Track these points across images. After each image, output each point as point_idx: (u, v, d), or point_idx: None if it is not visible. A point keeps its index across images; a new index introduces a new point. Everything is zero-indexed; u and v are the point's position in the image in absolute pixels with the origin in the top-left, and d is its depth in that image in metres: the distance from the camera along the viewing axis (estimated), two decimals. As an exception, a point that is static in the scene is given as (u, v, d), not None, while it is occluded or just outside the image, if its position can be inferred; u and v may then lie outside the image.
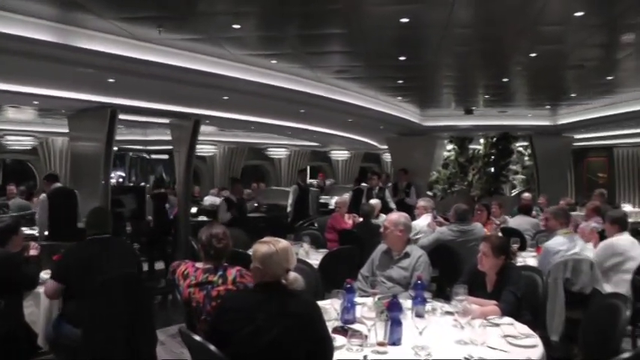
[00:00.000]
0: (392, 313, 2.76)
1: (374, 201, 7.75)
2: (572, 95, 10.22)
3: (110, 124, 8.42)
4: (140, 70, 6.48)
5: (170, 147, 10.66)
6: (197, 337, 2.61)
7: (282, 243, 2.69)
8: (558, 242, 4.91)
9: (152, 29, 5.62)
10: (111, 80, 7.03)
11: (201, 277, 3.18)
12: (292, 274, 2.57)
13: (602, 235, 5.47)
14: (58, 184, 7.32)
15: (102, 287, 3.54)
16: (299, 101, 8.96)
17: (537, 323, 3.77)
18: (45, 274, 4.20)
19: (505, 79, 8.71)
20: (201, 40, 6.06)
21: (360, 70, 7.86)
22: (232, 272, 3.20)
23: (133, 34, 5.82)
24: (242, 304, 2.56)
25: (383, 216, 6.62)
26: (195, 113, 9.84)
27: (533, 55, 6.86)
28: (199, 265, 3.26)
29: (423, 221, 6.41)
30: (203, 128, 11.03)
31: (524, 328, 3.08)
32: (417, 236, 5.99)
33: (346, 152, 21.74)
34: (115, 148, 9.36)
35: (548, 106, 11.82)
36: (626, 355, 2.38)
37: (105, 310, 3.52)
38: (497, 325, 3.12)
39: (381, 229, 4.31)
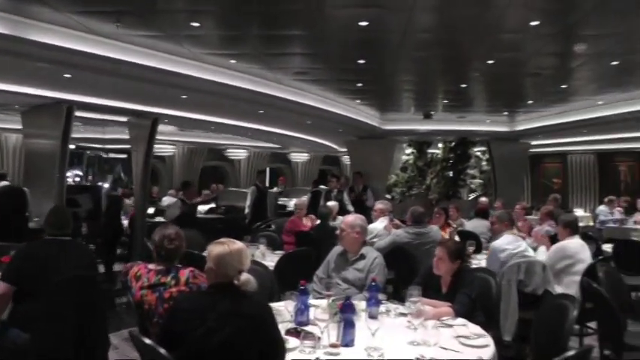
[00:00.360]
0: (345, 314, 2.76)
1: (331, 203, 7.77)
2: (529, 102, 10.49)
3: (66, 121, 8.24)
4: (97, 66, 6.33)
5: (128, 146, 10.44)
6: (148, 341, 2.55)
7: (237, 244, 2.67)
8: (504, 241, 5.04)
9: (109, 24, 5.49)
10: (67, 75, 6.86)
11: (153, 279, 3.12)
12: (245, 276, 2.53)
13: (554, 239, 5.61)
14: (6, 183, 7.06)
15: (54, 289, 3.42)
16: (258, 102, 8.93)
17: (491, 324, 3.83)
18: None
19: (463, 85, 8.86)
20: (159, 37, 5.97)
21: (319, 72, 7.88)
22: (185, 273, 3.16)
23: (89, 28, 5.68)
24: (194, 305, 2.53)
25: (340, 218, 6.64)
26: (154, 112, 9.70)
27: (491, 62, 7.00)
28: (152, 266, 3.20)
29: (380, 224, 6.45)
30: (162, 128, 10.88)
31: (476, 329, 3.12)
32: (374, 239, 6.02)
33: (306, 154, 21.79)
34: (72, 146, 9.14)
35: (505, 113, 12.09)
36: (571, 352, 2.42)
37: (56, 312, 3.40)
38: (450, 326, 3.14)
39: (338, 231, 4.31)
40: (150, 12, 5.26)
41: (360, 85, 8.83)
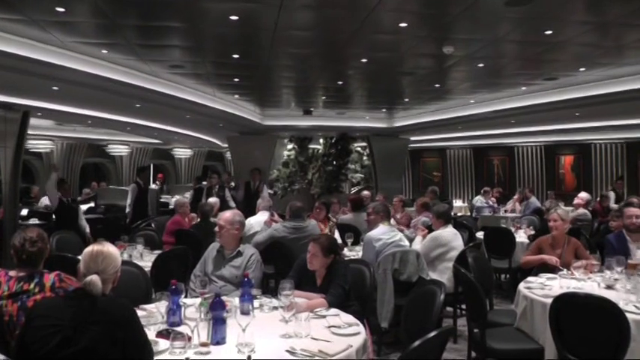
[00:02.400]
0: (214, 312, 2.71)
1: (213, 200, 7.64)
2: (406, 100, 10.94)
3: None
4: (-49, 51, 5.77)
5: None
6: (1, 357, 2.36)
7: (100, 246, 2.60)
8: (379, 232, 5.23)
9: (-36, 6, 5.01)
10: None
11: (14, 287, 2.88)
12: (90, 277, 2.40)
13: (431, 229, 5.92)
14: None
15: None
16: (134, 95, 8.63)
17: (367, 312, 3.97)
18: None
19: (340, 82, 9.06)
20: (22, 21, 5.53)
21: (195, 65, 7.74)
22: (50, 278, 2.95)
23: (-60, 9, 5.14)
24: (51, 313, 2.35)
25: (220, 214, 6.54)
26: (23, 104, 9.04)
27: (365, 60, 7.21)
28: (13, 273, 2.95)
29: (258, 218, 6.45)
30: (37, 122, 10.12)
31: (349, 318, 3.19)
32: (252, 231, 6.01)
33: (189, 150, 21.42)
34: None
35: (384, 110, 12.54)
36: (434, 332, 2.56)
37: None
38: (323, 316, 3.19)
39: (216, 228, 4.25)
40: (9, -6, 4.85)
41: (237, 80, 8.77)
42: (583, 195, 8.79)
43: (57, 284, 2.93)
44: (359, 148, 17.03)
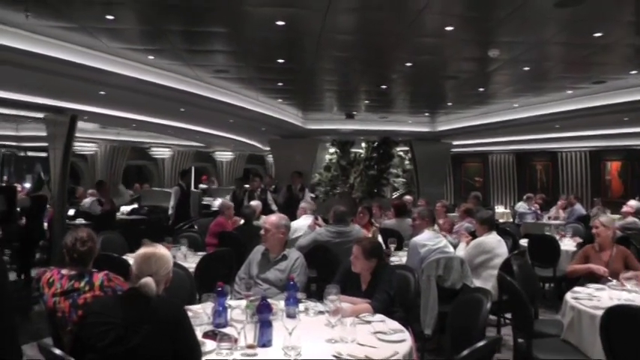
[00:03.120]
0: (261, 314, 2.73)
1: (255, 203, 7.69)
2: (449, 104, 10.81)
3: (-27, 116, 7.71)
4: (6, 58, 5.96)
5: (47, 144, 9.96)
6: (57, 351, 2.45)
7: (153, 248, 2.66)
8: (424, 237, 5.18)
9: (19, 13, 5.15)
10: (-28, 68, 6.42)
11: (66, 285, 2.99)
12: (144, 279, 2.46)
13: (474, 235, 5.82)
14: None
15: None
16: (179, 100, 8.76)
17: (410, 318, 3.93)
18: None
19: (384, 86, 9.01)
20: (73, 29, 5.69)
21: (239, 70, 7.80)
22: (99, 277, 3.04)
23: (-4, 17, 5.34)
24: (104, 311, 2.45)
25: (264, 217, 6.59)
26: (72, 108, 9.32)
27: (409, 64, 7.15)
28: (65, 271, 3.06)
29: (302, 222, 6.46)
30: (83, 125, 10.43)
31: (394, 324, 3.17)
32: (295, 235, 6.02)
33: (230, 153, 21.61)
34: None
35: (427, 114, 12.41)
36: (482, 342, 2.51)
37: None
38: (368, 322, 3.18)
39: (262, 231, 4.27)
40: (61, 2, 4.99)
41: (280, 84, 8.81)
42: (632, 203, 8.53)
43: (105, 283, 3.02)
44: (401, 153, 16.91)
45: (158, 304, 2.44)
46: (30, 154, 19.00)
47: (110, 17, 5.28)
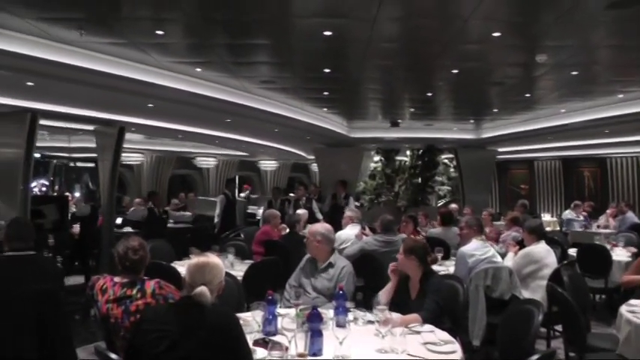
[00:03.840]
0: (312, 323, 2.75)
1: (301, 211, 7.74)
2: (495, 110, 10.65)
3: (30, 129, 8.04)
4: (61, 74, 6.21)
5: (96, 155, 10.29)
6: (113, 355, 2.52)
7: (205, 258, 2.70)
8: (472, 247, 5.10)
9: (73, 31, 5.38)
10: (30, 84, 6.71)
11: (119, 292, 3.07)
12: (199, 288, 2.50)
13: (521, 244, 5.71)
14: None
15: (11, 304, 3.31)
16: (225, 110, 8.90)
17: (458, 329, 3.87)
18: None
19: (429, 94, 8.96)
20: (124, 44, 5.89)
21: (285, 80, 7.88)
22: (151, 285, 3.11)
23: (53, 35, 5.57)
24: (159, 318, 2.50)
25: (309, 226, 6.63)
26: (120, 120, 9.59)
27: (456, 71, 7.10)
28: (118, 279, 3.15)
29: (348, 231, 6.46)
30: (130, 136, 10.73)
31: (444, 335, 3.14)
32: (342, 245, 6.02)
33: (275, 162, 21.74)
34: (37, 155, 8.93)
35: (472, 120, 12.26)
36: (536, 356, 2.46)
37: (18, 327, 3.30)
38: (418, 332, 3.15)
39: (305, 240, 4.31)
40: (114, 19, 5.18)
41: (326, 93, 8.86)
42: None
43: (157, 291, 3.08)
44: (446, 160, 16.73)
45: (211, 312, 2.47)
46: (79, 164, 19.62)
47: (160, 32, 5.44)
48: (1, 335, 3.30)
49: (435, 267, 5.63)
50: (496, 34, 5.46)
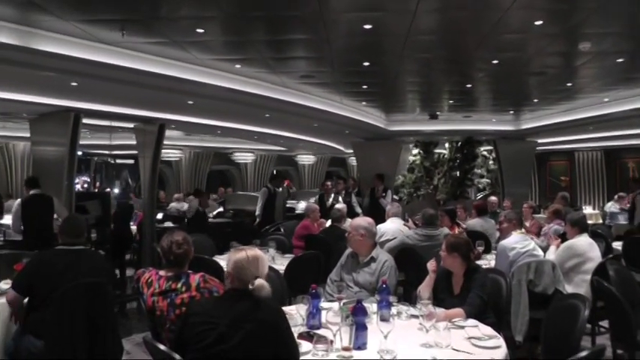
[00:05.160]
0: (357, 317, 2.77)
1: (340, 205, 7.75)
2: (535, 101, 10.45)
3: (74, 128, 8.25)
4: (103, 74, 6.37)
5: (135, 152, 10.51)
6: (162, 347, 2.59)
7: (255, 252, 2.73)
8: (513, 240, 5.05)
9: (115, 32, 5.51)
10: (73, 84, 6.89)
11: (164, 286, 3.14)
12: (259, 281, 2.55)
13: (563, 237, 5.60)
14: (37, 190, 7.07)
15: (64, 296, 3.44)
16: (264, 106, 8.96)
17: (501, 324, 3.84)
18: (4, 285, 4.06)
19: (469, 85, 8.85)
20: (165, 43, 5.99)
21: (324, 75, 7.88)
22: (195, 278, 3.17)
23: (95, 36, 5.71)
24: (207, 311, 2.56)
25: (349, 220, 6.65)
26: (161, 118, 9.74)
27: (496, 62, 7.00)
28: (162, 272, 3.22)
29: (388, 225, 6.46)
30: (169, 133, 10.91)
31: (488, 330, 3.12)
32: (382, 239, 6.02)
33: (312, 156, 21.79)
34: (79, 153, 9.19)
35: (511, 112, 12.06)
36: (584, 353, 2.43)
37: (67, 320, 3.43)
38: (461, 327, 3.15)
39: (347, 234, 4.33)
40: (155, 20, 5.27)
41: (365, 87, 8.83)
42: None
43: (202, 285, 3.14)
44: (485, 152, 16.47)
45: (260, 305, 2.52)
46: (118, 161, 20.10)
47: (200, 31, 5.51)
48: (53, 326, 3.44)
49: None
50: (538, 23, 5.35)
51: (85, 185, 19.64)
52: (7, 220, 7.40)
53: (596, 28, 5.70)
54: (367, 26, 5.38)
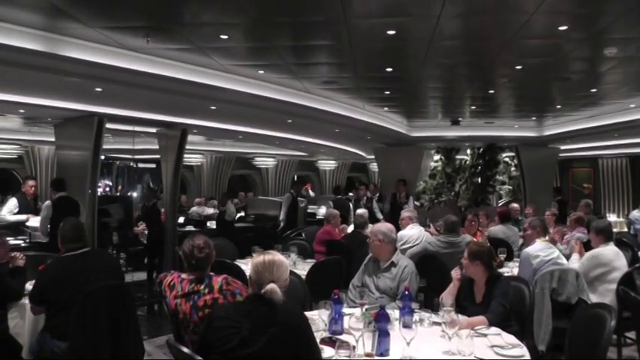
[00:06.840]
0: (379, 323, 2.77)
1: (361, 211, 7.75)
2: (558, 107, 10.33)
3: (97, 132, 8.35)
4: (128, 80, 6.44)
5: (157, 156, 10.63)
6: (185, 349, 2.61)
7: (272, 256, 2.72)
8: (536, 248, 5.00)
9: (140, 39, 5.58)
10: (98, 89, 6.98)
11: (187, 288, 3.17)
12: (270, 285, 2.55)
13: (587, 246, 5.51)
14: (63, 193, 7.17)
15: (86, 299, 3.49)
16: (286, 111, 8.98)
17: (524, 333, 3.80)
18: (30, 285, 4.13)
19: (491, 91, 8.78)
20: (189, 50, 6.05)
21: (347, 81, 7.89)
22: (218, 281, 3.19)
23: (120, 43, 5.79)
24: (230, 315, 2.57)
25: (371, 226, 6.64)
26: (183, 123, 9.83)
27: (519, 67, 6.94)
28: (185, 275, 3.25)
29: (408, 231, 6.43)
30: (191, 138, 11.00)
31: (511, 338, 3.10)
32: (404, 246, 6.00)
33: (333, 162, 21.77)
34: (102, 157, 9.32)
35: (534, 118, 11.94)
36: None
37: (90, 322, 3.48)
38: (484, 335, 3.13)
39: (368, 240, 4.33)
40: (179, 26, 5.33)
41: (387, 92, 8.81)
42: None
43: (224, 287, 3.15)
44: (507, 159, 16.33)
45: (282, 309, 2.53)
46: (140, 165, 20.31)
47: (224, 37, 5.55)
48: (75, 328, 3.49)
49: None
50: (562, 28, 5.30)
51: (107, 189, 19.88)
52: (33, 222, 7.49)
53: (622, 33, 5.62)
54: (391, 32, 5.37)
